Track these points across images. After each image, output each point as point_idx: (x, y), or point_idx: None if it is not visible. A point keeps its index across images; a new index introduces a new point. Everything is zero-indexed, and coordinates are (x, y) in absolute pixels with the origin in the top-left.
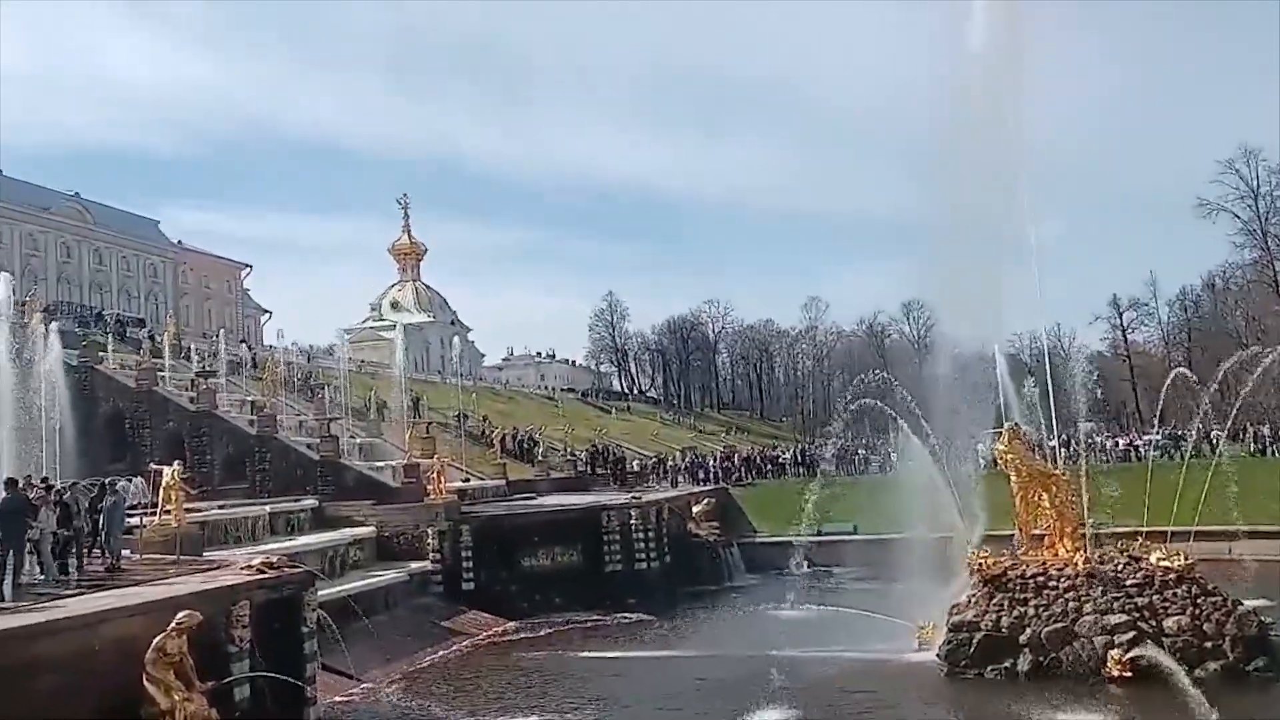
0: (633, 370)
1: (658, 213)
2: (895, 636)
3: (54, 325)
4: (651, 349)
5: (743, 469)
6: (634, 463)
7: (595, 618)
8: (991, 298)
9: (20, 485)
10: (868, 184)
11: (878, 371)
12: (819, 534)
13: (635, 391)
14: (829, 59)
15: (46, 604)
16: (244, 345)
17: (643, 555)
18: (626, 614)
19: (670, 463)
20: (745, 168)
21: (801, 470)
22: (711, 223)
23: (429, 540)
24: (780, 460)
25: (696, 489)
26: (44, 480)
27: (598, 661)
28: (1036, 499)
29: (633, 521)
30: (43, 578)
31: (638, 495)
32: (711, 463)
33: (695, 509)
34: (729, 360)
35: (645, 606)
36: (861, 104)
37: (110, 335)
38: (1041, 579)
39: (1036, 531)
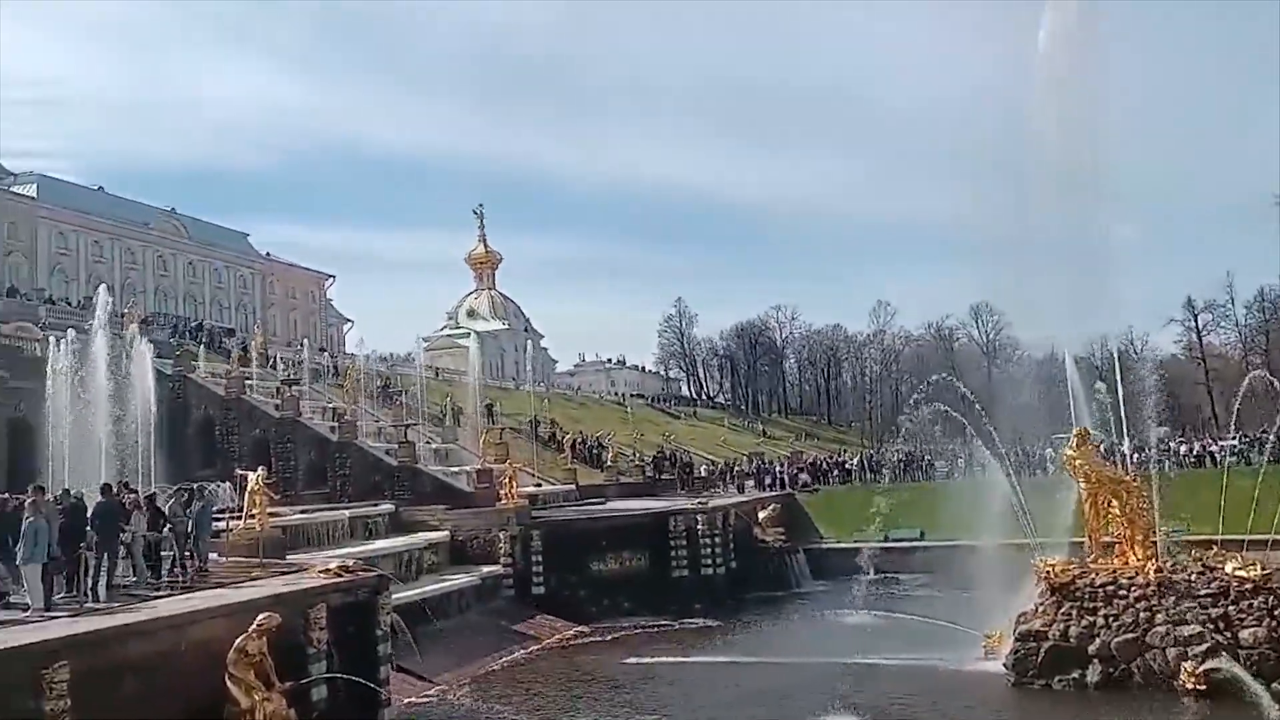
0: (701, 376)
1: (726, 220)
2: (962, 645)
3: (149, 335)
4: (719, 354)
5: (810, 475)
6: (701, 468)
7: (662, 623)
8: (1061, 301)
9: (115, 490)
10: (935, 188)
11: (946, 376)
12: (886, 540)
13: (703, 397)
14: (894, 64)
15: (138, 605)
16: (325, 354)
17: (709, 561)
18: (693, 619)
19: (737, 468)
20: (813, 174)
21: (869, 476)
22: (779, 228)
23: (501, 544)
24: (847, 466)
25: (763, 495)
26: (125, 484)
27: (664, 667)
28: (1107, 506)
29: (699, 527)
30: (134, 579)
31: (704, 501)
32: (778, 468)
33: (761, 515)
34: (796, 365)
35: (711, 612)
36: (928, 108)
37: (202, 345)
38: (1112, 588)
39: (1106, 539)
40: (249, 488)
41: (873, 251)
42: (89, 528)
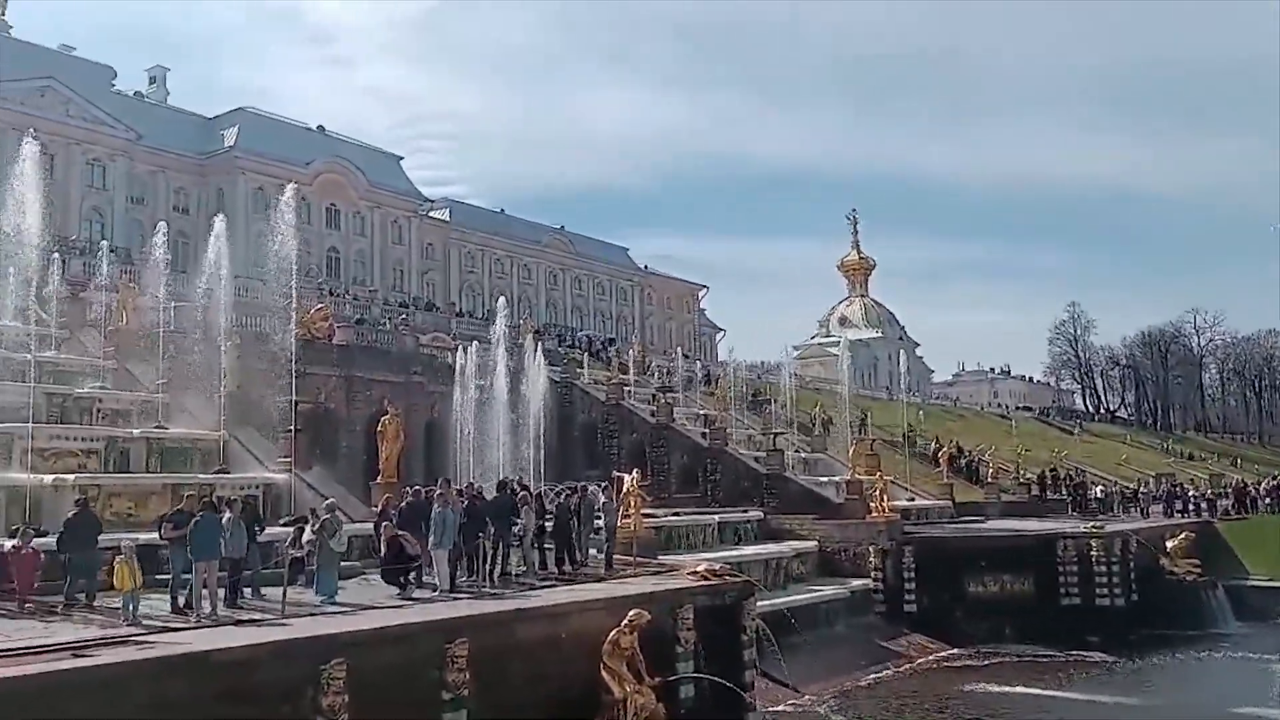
0: (1098, 388)
1: (1127, 216)
2: None
3: (542, 345)
4: (1121, 364)
5: (1233, 501)
6: (1097, 489)
7: (1047, 653)
8: None
9: (510, 487)
10: None
11: None
12: None
13: (1101, 411)
14: None
15: (526, 593)
16: (697, 362)
17: (1104, 590)
18: (1083, 652)
19: (1142, 490)
20: (1233, 161)
21: None
22: (1193, 224)
23: (870, 558)
24: None
25: (1172, 521)
26: (519, 481)
27: (1050, 701)
28: None
29: (1093, 553)
30: (523, 569)
31: (1100, 524)
32: (1192, 492)
33: (1170, 544)
34: (1218, 377)
35: (1105, 646)
36: None
37: (586, 354)
38: None
39: None
40: (625, 489)
41: None
42: (487, 519)
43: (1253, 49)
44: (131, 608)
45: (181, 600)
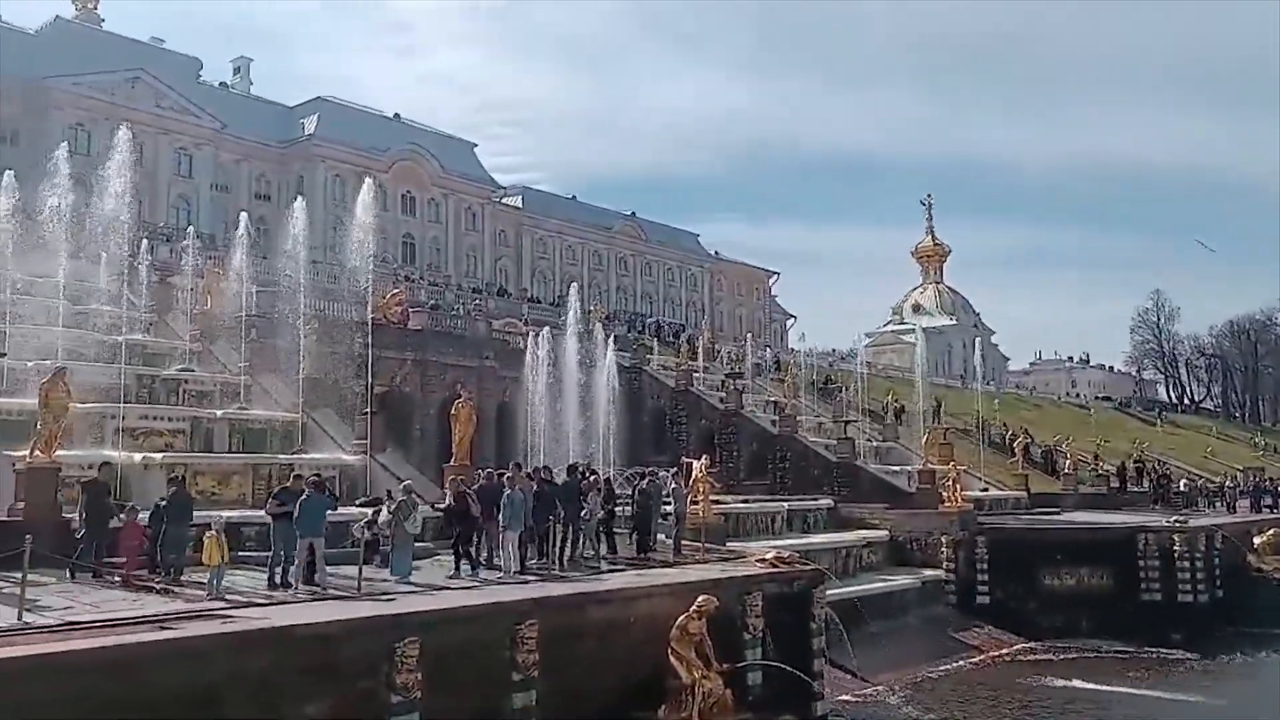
0: (1183, 378)
1: (1213, 201)
2: None
3: (611, 331)
4: (1208, 354)
5: None
6: (1180, 481)
7: (1126, 649)
8: None
9: (579, 471)
10: None
11: None
12: None
13: (1185, 402)
14: None
15: (595, 576)
16: (767, 349)
17: (1188, 586)
18: (1163, 649)
19: (1228, 484)
20: None
21: None
22: None
23: (943, 549)
24: None
25: (1260, 516)
26: (588, 465)
27: (1129, 698)
28: None
29: (1175, 548)
30: (591, 553)
31: (1183, 518)
32: None
33: (1258, 540)
34: None
35: (1187, 644)
36: None
37: (655, 339)
38: None
39: None
40: (693, 475)
41: None
42: (556, 502)
43: None
44: (217, 582)
45: (278, 576)
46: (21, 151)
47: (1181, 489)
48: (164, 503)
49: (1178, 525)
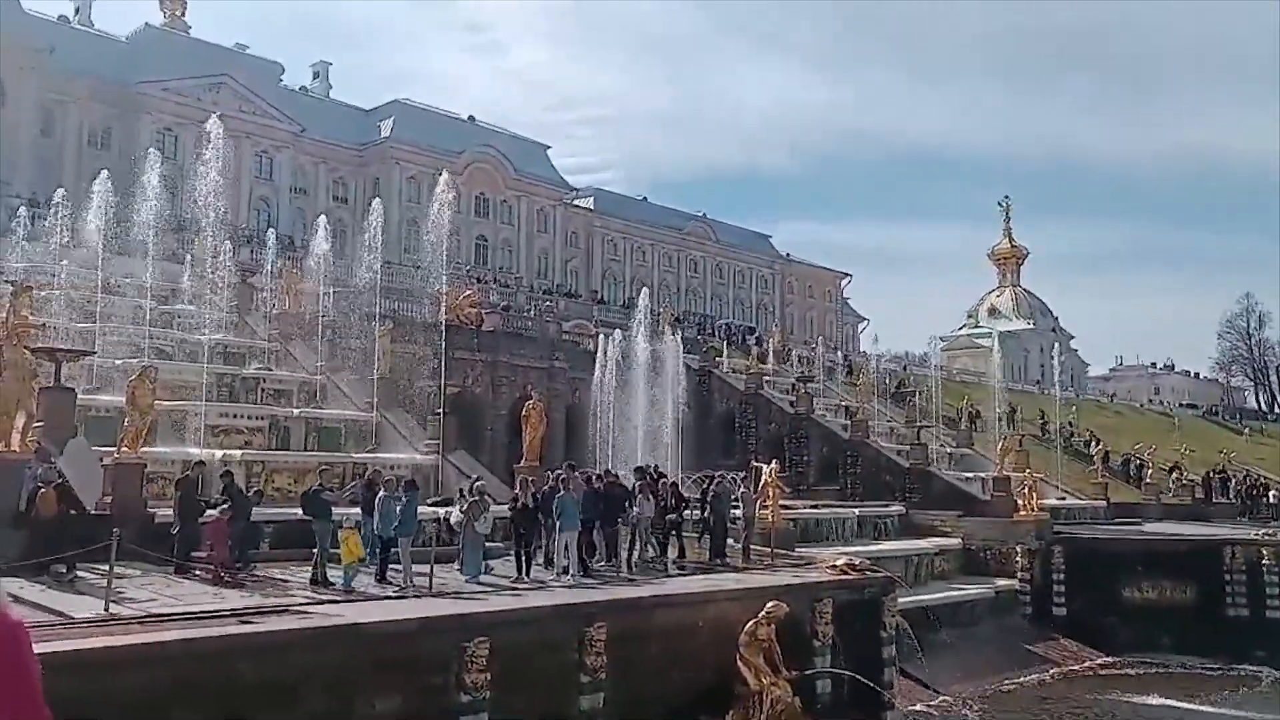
0: (1273, 385)
1: None
2: None
3: (680, 333)
4: None
5: None
6: (1271, 493)
7: (1210, 666)
8: None
9: (647, 474)
10: None
11: None
12: None
13: (1276, 410)
14: None
15: (661, 580)
16: (838, 352)
17: (1276, 602)
18: (1250, 667)
19: None
20: None
21: None
22: None
23: (1017, 558)
24: None
25: None
26: (656, 468)
27: (1211, 717)
28: None
29: (1265, 561)
30: (654, 556)
31: (1273, 531)
32: None
33: None
34: None
35: (1274, 661)
36: None
37: (725, 342)
38: None
39: None
40: (763, 480)
41: None
42: (622, 504)
43: None
44: (349, 578)
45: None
46: (113, 155)
47: (1272, 500)
48: (225, 500)
49: (1268, 539)
